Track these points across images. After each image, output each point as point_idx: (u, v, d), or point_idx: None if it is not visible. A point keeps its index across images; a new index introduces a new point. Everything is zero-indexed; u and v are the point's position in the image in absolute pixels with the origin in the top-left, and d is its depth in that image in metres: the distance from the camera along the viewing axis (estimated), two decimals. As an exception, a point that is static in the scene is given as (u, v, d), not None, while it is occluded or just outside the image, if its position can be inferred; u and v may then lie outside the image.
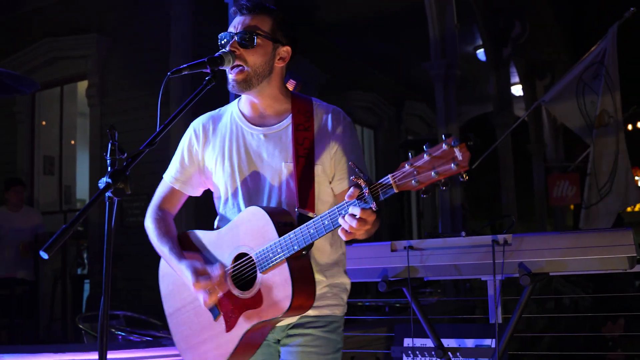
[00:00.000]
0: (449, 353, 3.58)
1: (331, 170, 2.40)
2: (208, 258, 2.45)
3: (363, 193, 1.96)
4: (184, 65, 2.28)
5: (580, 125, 7.05)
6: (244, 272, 2.32)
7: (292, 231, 2.18)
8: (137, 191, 9.03)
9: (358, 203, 1.97)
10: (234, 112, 2.53)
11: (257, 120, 2.47)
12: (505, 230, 3.42)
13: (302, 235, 2.15)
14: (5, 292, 6.80)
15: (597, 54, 6.77)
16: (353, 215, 1.97)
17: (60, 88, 10.65)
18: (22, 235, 7.73)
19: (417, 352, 3.71)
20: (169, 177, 2.63)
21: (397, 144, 15.07)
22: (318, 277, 2.38)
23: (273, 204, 2.37)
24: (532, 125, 14.59)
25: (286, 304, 2.17)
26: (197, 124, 2.59)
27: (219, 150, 2.50)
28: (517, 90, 14.78)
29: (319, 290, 2.37)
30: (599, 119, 6.28)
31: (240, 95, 2.55)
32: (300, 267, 2.23)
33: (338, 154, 2.38)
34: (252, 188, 2.42)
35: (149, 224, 2.61)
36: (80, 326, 5.80)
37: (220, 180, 2.49)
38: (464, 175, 1.80)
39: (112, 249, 2.09)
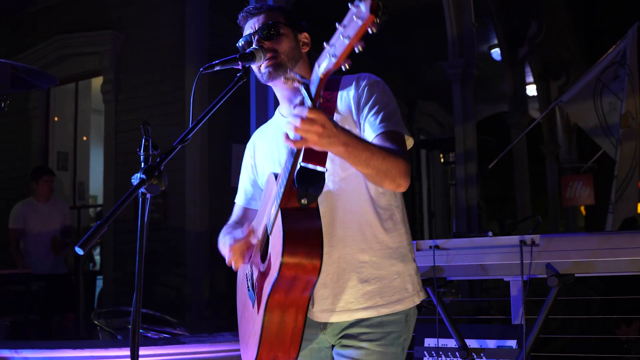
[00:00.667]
0: (473, 354, 3.56)
1: (361, 130, 2.27)
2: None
3: (302, 96, 1.86)
4: (216, 62, 2.28)
5: (593, 126, 7.03)
6: (266, 241, 2.23)
7: (279, 176, 2.09)
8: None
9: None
10: (276, 116, 2.57)
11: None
12: (531, 230, 3.39)
13: (283, 174, 2.04)
14: (22, 287, 6.76)
15: (616, 54, 6.73)
16: (294, 116, 1.83)
17: (75, 84, 10.67)
18: (51, 228, 7.50)
19: (441, 352, 3.68)
20: (239, 199, 2.66)
21: (415, 142, 15.03)
22: (366, 260, 2.23)
23: None
24: (545, 126, 14.53)
25: (277, 261, 1.98)
26: (250, 140, 2.65)
27: (265, 152, 2.52)
28: (531, 90, 14.72)
29: (371, 285, 2.22)
30: (624, 120, 6.23)
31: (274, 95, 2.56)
32: (297, 218, 2.03)
33: (364, 111, 2.25)
34: None
35: (220, 237, 2.51)
36: (96, 322, 5.78)
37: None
38: (374, 28, 1.56)
39: (144, 245, 2.08)
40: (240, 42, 2.40)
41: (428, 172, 17.09)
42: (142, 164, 2.10)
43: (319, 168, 1.99)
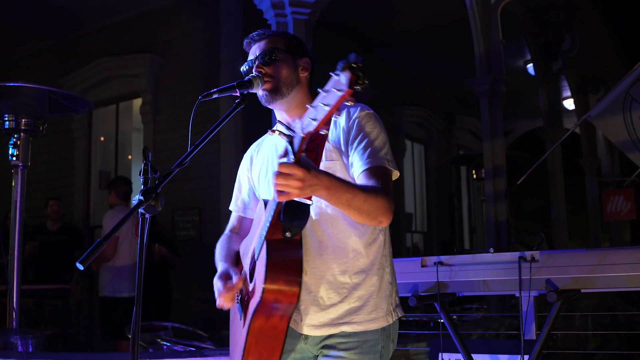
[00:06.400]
0: (480, 367, 3.63)
1: (349, 163, 2.39)
2: (244, 261, 2.54)
3: (287, 149, 1.96)
4: (214, 90, 2.43)
5: (623, 140, 6.96)
6: (254, 265, 2.37)
7: (267, 207, 2.21)
8: (189, 205, 9.29)
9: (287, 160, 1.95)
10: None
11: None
12: (535, 247, 3.45)
13: (270, 208, 2.16)
14: (59, 302, 6.97)
15: (646, 68, 6.67)
16: (275, 173, 1.95)
17: (115, 105, 11.00)
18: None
19: (449, 366, 3.76)
20: (232, 206, 2.81)
21: (448, 158, 15.00)
22: (347, 282, 2.34)
23: None
24: (584, 139, 14.35)
25: (260, 286, 2.16)
26: (247, 151, 2.78)
27: (261, 168, 2.65)
28: (569, 104, 14.58)
29: (351, 303, 2.34)
30: None
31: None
32: (280, 249, 2.20)
33: (353, 145, 2.36)
34: None
35: (216, 248, 2.69)
36: (129, 336, 5.97)
37: (263, 194, 2.61)
38: (349, 99, 1.69)
39: (144, 262, 2.22)
40: (244, 67, 2.53)
41: (468, 187, 17.03)
42: (142, 186, 2.25)
43: (305, 201, 2.06)
